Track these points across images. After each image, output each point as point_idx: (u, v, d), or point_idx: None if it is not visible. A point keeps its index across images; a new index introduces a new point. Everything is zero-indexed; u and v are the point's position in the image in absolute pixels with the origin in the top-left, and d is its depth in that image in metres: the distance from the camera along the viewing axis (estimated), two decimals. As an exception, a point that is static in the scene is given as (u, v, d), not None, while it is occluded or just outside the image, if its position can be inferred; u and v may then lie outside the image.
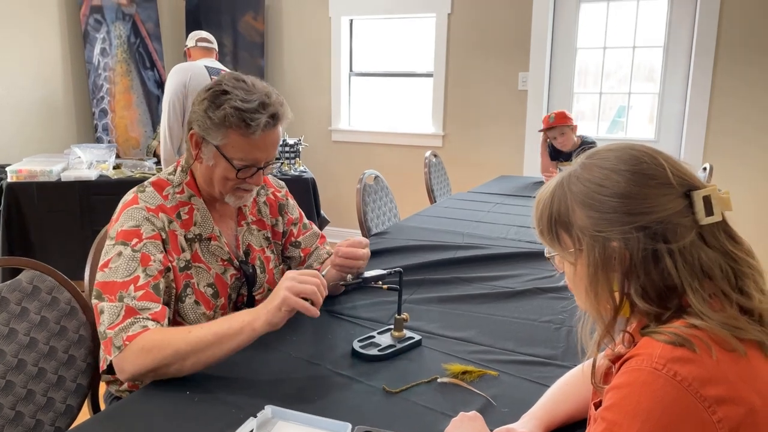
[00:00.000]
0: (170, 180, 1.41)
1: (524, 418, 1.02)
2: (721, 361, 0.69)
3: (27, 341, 1.26)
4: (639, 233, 0.75)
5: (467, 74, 4.56)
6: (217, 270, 1.42)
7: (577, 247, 0.81)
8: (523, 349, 1.33)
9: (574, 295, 0.87)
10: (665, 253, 0.75)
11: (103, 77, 4.59)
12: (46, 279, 1.34)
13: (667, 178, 0.77)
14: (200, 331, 1.16)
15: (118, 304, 1.20)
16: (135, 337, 1.16)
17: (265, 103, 1.31)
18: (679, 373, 0.68)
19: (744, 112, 3.87)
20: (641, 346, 0.74)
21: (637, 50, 4.19)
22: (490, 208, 2.89)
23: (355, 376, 1.19)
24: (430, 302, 1.61)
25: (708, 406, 0.67)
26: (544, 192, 0.86)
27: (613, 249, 0.77)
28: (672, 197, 0.76)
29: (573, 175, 0.82)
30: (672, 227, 0.75)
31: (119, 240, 1.27)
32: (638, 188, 0.77)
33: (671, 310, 0.77)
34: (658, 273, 0.76)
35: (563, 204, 0.82)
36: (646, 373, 0.70)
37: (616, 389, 0.72)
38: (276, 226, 1.59)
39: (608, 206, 0.77)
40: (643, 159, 0.79)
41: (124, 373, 1.17)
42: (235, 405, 1.07)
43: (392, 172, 4.67)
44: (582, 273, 0.81)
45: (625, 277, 0.78)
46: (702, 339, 0.71)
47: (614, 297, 0.79)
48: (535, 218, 0.87)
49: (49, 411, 1.27)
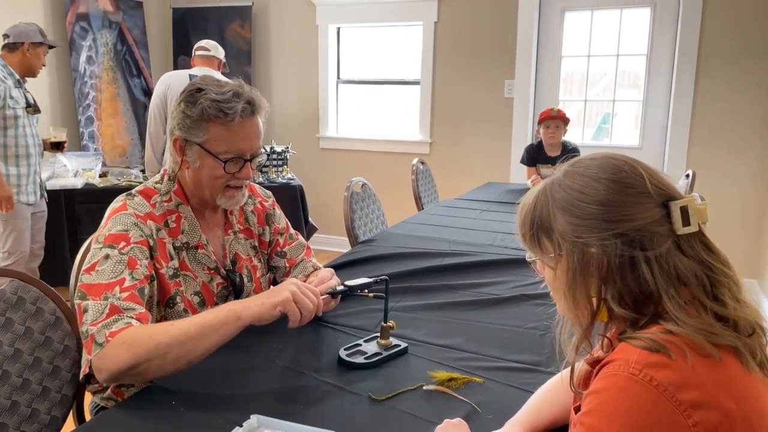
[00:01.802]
0: (157, 188, 1.41)
1: (508, 424, 1.03)
2: (697, 367, 0.71)
3: (11, 352, 1.25)
4: (617, 240, 0.77)
5: (454, 82, 4.59)
6: (203, 279, 1.42)
7: (557, 252, 0.83)
8: (509, 356, 1.34)
9: (554, 299, 0.89)
10: (642, 260, 0.77)
11: (89, 85, 4.57)
12: (31, 289, 1.33)
13: (645, 187, 0.79)
14: (183, 323, 1.16)
15: (102, 302, 1.18)
16: (117, 333, 1.14)
17: (238, 92, 1.34)
18: (655, 378, 0.70)
19: (726, 118, 3.93)
20: (618, 351, 0.76)
21: (621, 58, 4.24)
22: (477, 215, 2.91)
23: (341, 384, 1.20)
24: (417, 310, 1.62)
25: (683, 411, 0.68)
26: (527, 198, 0.88)
27: (591, 255, 0.79)
28: (650, 206, 0.78)
29: (555, 182, 0.85)
30: (649, 235, 0.77)
31: (107, 243, 1.27)
32: (617, 196, 0.79)
33: (647, 316, 0.78)
34: (634, 279, 0.77)
35: (545, 210, 0.84)
36: (623, 378, 0.71)
37: (594, 394, 0.74)
38: (263, 235, 1.59)
39: (588, 213, 0.80)
40: (622, 168, 0.81)
41: (102, 372, 1.13)
42: (221, 414, 1.06)
43: (380, 179, 4.68)
44: (561, 278, 0.83)
45: (602, 283, 0.80)
46: (677, 344, 0.72)
47: (592, 302, 0.81)
48: (518, 223, 0.89)
49: (34, 422, 1.26)
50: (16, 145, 3.10)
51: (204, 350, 1.15)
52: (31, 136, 3.18)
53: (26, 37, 3.18)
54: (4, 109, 3.03)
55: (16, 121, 3.08)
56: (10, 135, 3.08)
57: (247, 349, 1.32)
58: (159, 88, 3.45)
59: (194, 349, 1.14)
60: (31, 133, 3.18)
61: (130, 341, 1.13)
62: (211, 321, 1.15)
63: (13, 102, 3.08)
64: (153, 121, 3.45)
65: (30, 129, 3.18)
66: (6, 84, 3.04)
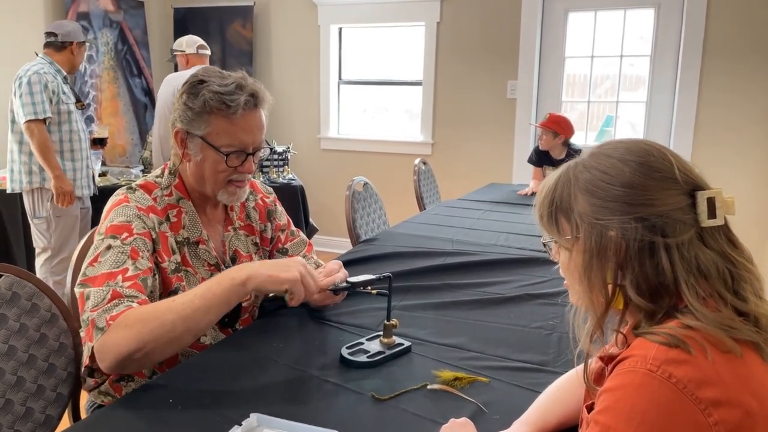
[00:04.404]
0: (158, 182, 1.39)
1: (516, 424, 1.00)
2: (717, 363, 0.68)
3: (5, 349, 1.22)
4: (638, 224, 0.75)
5: (456, 82, 4.57)
6: (203, 275, 1.40)
7: (574, 234, 0.80)
8: (514, 356, 1.31)
9: (568, 283, 0.86)
10: (662, 247, 0.74)
11: (90, 84, 4.55)
12: (26, 285, 1.30)
13: (672, 173, 0.77)
14: (185, 297, 1.13)
15: (104, 289, 1.16)
16: (118, 316, 1.11)
17: (242, 85, 1.31)
18: (674, 375, 0.67)
19: (731, 119, 3.91)
20: (635, 347, 0.73)
21: (625, 59, 4.22)
22: (480, 215, 2.88)
23: (343, 382, 1.17)
24: (420, 309, 1.59)
25: (704, 409, 0.66)
26: (549, 178, 0.86)
27: (609, 238, 0.77)
28: (675, 193, 0.76)
29: (580, 163, 0.83)
30: (671, 222, 0.75)
31: (109, 234, 1.25)
32: (642, 179, 0.77)
33: (664, 309, 0.75)
34: (652, 266, 0.75)
35: (566, 190, 0.82)
36: (640, 375, 0.69)
37: (610, 392, 0.71)
38: (264, 231, 1.57)
39: (611, 194, 0.77)
40: (651, 152, 0.79)
41: (106, 360, 1.10)
42: (220, 413, 1.04)
43: (381, 180, 4.66)
44: (577, 260, 0.81)
45: (619, 268, 0.77)
46: (697, 340, 0.69)
47: (607, 288, 0.78)
48: (537, 203, 0.86)
49: (28, 421, 1.23)
50: (71, 140, 3.16)
51: (210, 321, 1.13)
52: (82, 130, 3.25)
53: (74, 37, 3.22)
54: (59, 105, 3.07)
55: (69, 116, 3.14)
56: (65, 130, 3.13)
57: (248, 347, 1.29)
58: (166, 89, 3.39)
59: (200, 321, 1.12)
60: (81, 128, 3.25)
61: (132, 322, 1.10)
62: (215, 291, 1.13)
63: (66, 97, 3.13)
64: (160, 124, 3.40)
65: (80, 123, 3.24)
66: (57, 80, 3.08)
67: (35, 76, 2.97)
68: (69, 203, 3.11)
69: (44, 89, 2.97)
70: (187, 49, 3.51)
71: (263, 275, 1.14)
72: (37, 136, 2.96)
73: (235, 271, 1.16)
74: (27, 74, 2.98)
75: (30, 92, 2.94)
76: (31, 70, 3.01)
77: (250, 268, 1.17)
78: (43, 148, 2.98)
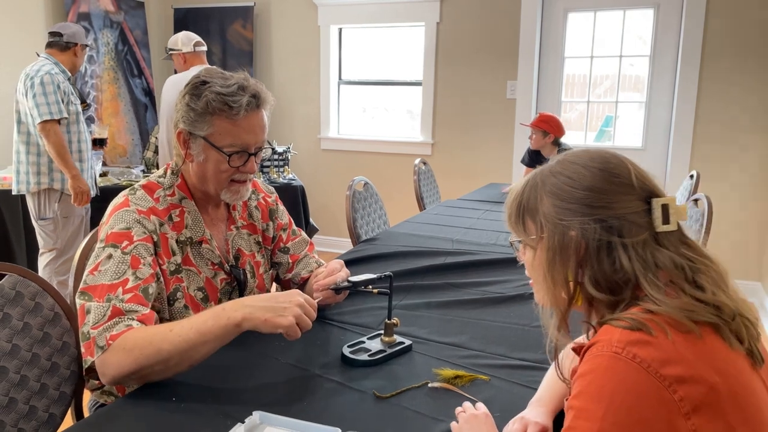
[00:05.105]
0: (161, 182, 1.39)
1: (531, 405, 1.03)
2: (678, 343, 0.72)
3: (9, 348, 1.23)
4: (596, 225, 0.81)
5: (456, 83, 4.58)
6: (207, 274, 1.40)
7: (539, 233, 0.87)
8: (514, 354, 1.32)
9: (533, 282, 0.92)
10: (619, 246, 0.80)
11: (90, 85, 4.56)
12: (30, 284, 1.31)
13: (630, 179, 0.83)
14: (182, 328, 1.13)
15: (105, 305, 1.17)
16: (118, 336, 1.13)
17: (244, 86, 1.32)
18: (638, 355, 0.71)
19: (730, 118, 3.92)
20: (600, 333, 0.78)
21: (624, 59, 4.23)
22: (480, 215, 2.89)
23: (345, 381, 1.18)
24: (421, 307, 1.60)
25: (668, 385, 0.69)
26: (518, 183, 0.93)
27: (570, 237, 0.83)
28: (632, 198, 0.82)
29: (546, 169, 0.90)
30: (627, 225, 0.81)
31: (109, 243, 1.25)
32: (602, 184, 0.83)
33: (626, 300, 0.80)
34: (609, 264, 0.80)
35: (533, 193, 0.88)
36: (606, 357, 0.73)
37: (581, 377, 0.75)
38: (267, 230, 1.57)
39: (573, 197, 0.84)
40: (610, 160, 0.86)
41: (106, 376, 1.14)
42: (222, 411, 1.04)
43: (382, 180, 4.67)
44: (541, 258, 0.87)
45: (579, 266, 0.83)
46: (657, 322, 0.74)
47: (569, 285, 0.84)
48: (507, 204, 0.93)
49: (31, 420, 1.24)
50: (79, 141, 3.16)
51: (204, 354, 1.14)
52: (86, 131, 3.25)
53: (79, 39, 3.22)
54: (68, 106, 3.06)
55: (78, 116, 3.15)
56: (74, 131, 3.13)
57: (250, 346, 1.30)
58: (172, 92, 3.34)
59: (195, 354, 1.13)
60: (85, 129, 3.25)
61: (131, 346, 1.12)
62: (211, 327, 1.13)
63: (74, 98, 3.13)
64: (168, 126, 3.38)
65: (85, 125, 3.24)
66: (66, 81, 3.08)
67: (48, 77, 2.95)
68: (85, 203, 3.12)
69: (57, 89, 2.96)
70: (184, 48, 3.45)
71: (259, 319, 1.13)
72: (53, 137, 2.95)
73: (232, 311, 1.14)
74: (39, 74, 2.95)
75: (44, 92, 2.93)
76: (42, 70, 2.98)
77: (246, 308, 1.15)
78: (60, 149, 2.97)
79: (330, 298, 1.47)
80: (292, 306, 1.15)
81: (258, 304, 1.16)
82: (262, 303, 1.16)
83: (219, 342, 1.14)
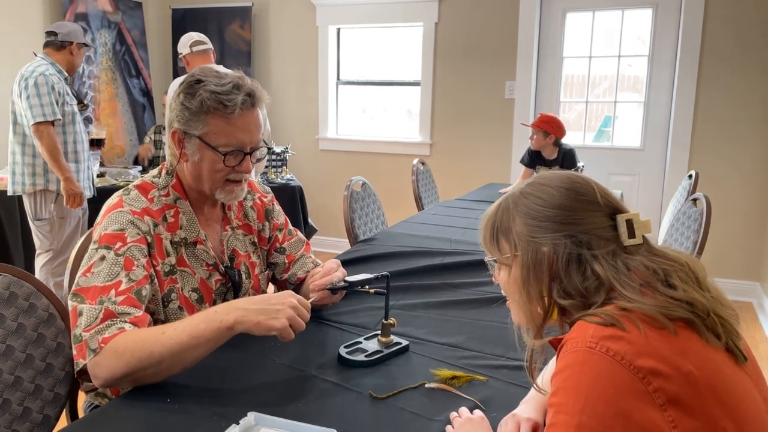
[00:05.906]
0: (155, 183, 1.38)
1: (523, 403, 1.03)
2: (651, 337, 0.74)
3: (3, 349, 1.22)
4: (566, 240, 0.86)
5: (454, 83, 4.58)
6: (201, 275, 1.39)
7: (513, 252, 0.91)
8: (512, 354, 1.31)
9: (509, 300, 0.96)
10: (589, 257, 0.85)
11: (88, 85, 4.55)
12: (24, 285, 1.30)
13: (595, 197, 0.89)
14: (174, 331, 1.13)
15: (97, 307, 1.16)
16: (110, 339, 1.12)
17: (239, 84, 1.31)
18: (611, 348, 0.73)
19: (729, 118, 3.92)
20: (575, 329, 0.80)
21: (623, 59, 4.22)
22: (478, 215, 2.88)
23: (341, 381, 1.17)
24: (418, 308, 1.59)
25: (642, 377, 0.71)
26: (492, 206, 0.98)
27: (543, 253, 0.87)
28: (599, 215, 0.87)
29: (517, 192, 0.95)
30: (596, 239, 0.86)
31: (102, 244, 1.24)
32: (570, 202, 0.89)
33: (600, 301, 0.82)
34: (580, 274, 0.85)
35: (506, 214, 0.93)
36: (581, 352, 0.75)
37: (558, 374, 0.77)
38: (262, 231, 1.57)
39: (543, 215, 0.89)
40: (576, 181, 0.92)
41: (99, 379, 1.13)
42: (217, 412, 1.04)
43: (380, 180, 4.66)
44: (516, 276, 0.91)
45: (551, 280, 0.87)
46: (630, 318, 0.76)
47: (544, 300, 0.88)
48: (481, 226, 0.98)
49: (26, 421, 1.23)
50: (74, 141, 3.14)
51: (197, 357, 1.14)
52: (83, 132, 3.23)
53: (75, 37, 3.19)
54: (64, 106, 3.05)
55: (74, 117, 3.13)
56: (69, 132, 3.11)
57: (246, 347, 1.29)
58: None
59: (188, 357, 1.12)
60: (82, 129, 3.22)
61: (122, 350, 1.11)
62: (203, 330, 1.12)
63: (70, 99, 3.11)
64: None
65: (81, 125, 3.22)
66: (61, 82, 3.07)
67: (42, 78, 2.94)
68: (78, 205, 3.10)
69: (51, 91, 2.95)
70: (183, 50, 3.45)
71: (251, 322, 1.12)
72: (46, 139, 2.93)
73: (224, 313, 1.13)
74: (33, 75, 2.94)
75: (38, 94, 2.91)
76: (36, 71, 2.96)
77: (238, 311, 1.14)
78: (53, 150, 2.95)
79: (326, 298, 1.46)
80: (284, 308, 1.14)
81: (250, 306, 1.15)
82: (254, 305, 1.15)
83: (211, 345, 1.13)
